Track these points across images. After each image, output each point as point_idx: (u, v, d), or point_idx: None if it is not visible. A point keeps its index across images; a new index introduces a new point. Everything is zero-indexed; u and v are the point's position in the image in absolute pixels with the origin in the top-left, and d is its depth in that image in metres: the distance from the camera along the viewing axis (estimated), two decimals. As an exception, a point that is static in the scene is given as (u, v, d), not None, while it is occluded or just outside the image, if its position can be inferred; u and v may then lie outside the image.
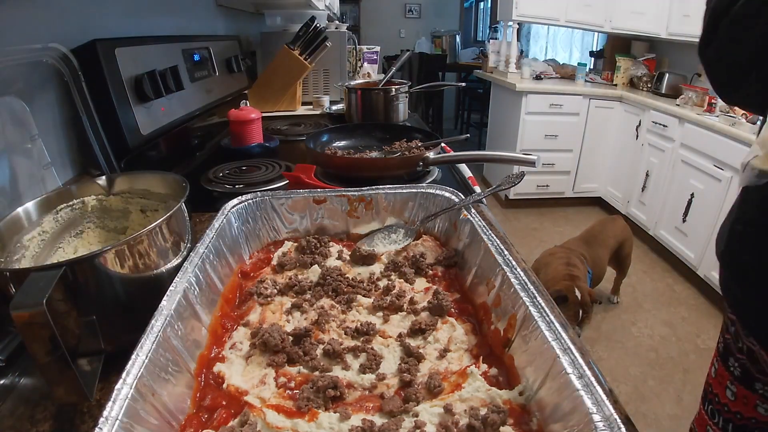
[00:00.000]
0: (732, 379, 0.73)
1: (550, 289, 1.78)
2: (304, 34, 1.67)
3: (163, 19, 1.27)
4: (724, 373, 0.75)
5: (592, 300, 1.79)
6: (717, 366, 0.78)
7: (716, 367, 0.78)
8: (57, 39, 0.79)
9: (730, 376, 0.74)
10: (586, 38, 4.63)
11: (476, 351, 0.51)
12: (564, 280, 1.79)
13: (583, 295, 1.75)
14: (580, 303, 1.74)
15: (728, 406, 0.74)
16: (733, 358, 0.73)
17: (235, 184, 1.00)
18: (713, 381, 0.79)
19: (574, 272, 1.83)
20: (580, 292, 1.74)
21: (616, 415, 0.33)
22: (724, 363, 0.75)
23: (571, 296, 1.74)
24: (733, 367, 0.72)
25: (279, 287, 0.60)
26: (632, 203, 3.08)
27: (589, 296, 1.77)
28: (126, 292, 0.49)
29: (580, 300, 1.74)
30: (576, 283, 1.77)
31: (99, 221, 0.65)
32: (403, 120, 1.55)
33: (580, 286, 1.76)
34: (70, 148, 0.84)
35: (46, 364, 0.38)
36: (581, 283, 1.79)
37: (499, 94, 3.71)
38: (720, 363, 0.77)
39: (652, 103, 2.83)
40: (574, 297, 1.74)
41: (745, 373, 0.70)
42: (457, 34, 6.15)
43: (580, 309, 1.75)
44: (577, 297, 1.74)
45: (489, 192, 0.71)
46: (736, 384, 0.72)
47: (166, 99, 1.07)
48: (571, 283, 1.76)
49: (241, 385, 0.46)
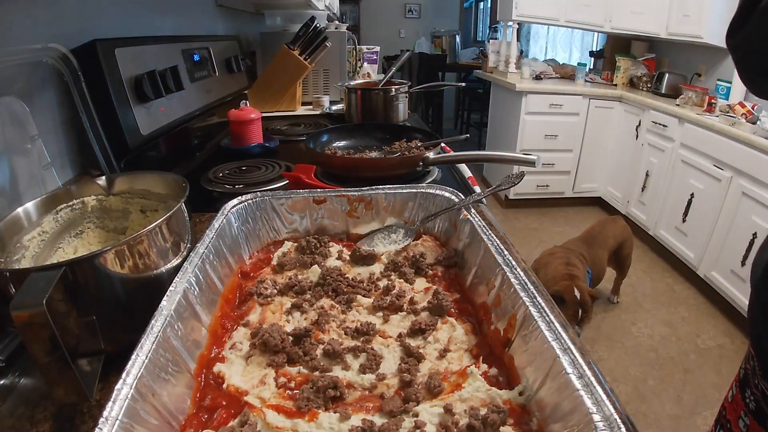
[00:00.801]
0: (746, 411, 0.69)
1: (549, 289, 1.78)
2: (304, 34, 1.67)
3: (163, 19, 1.27)
4: (739, 402, 0.71)
5: (593, 298, 1.79)
6: (734, 392, 0.73)
7: (733, 393, 0.74)
8: (57, 39, 0.79)
9: (744, 407, 0.69)
10: (586, 38, 4.63)
11: (476, 351, 0.51)
12: (563, 279, 1.79)
13: (583, 295, 1.75)
14: (579, 303, 1.74)
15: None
16: (749, 390, 0.68)
17: (235, 185, 1.00)
18: (728, 406, 0.75)
19: (574, 272, 1.83)
20: (579, 292, 1.74)
21: (616, 415, 0.33)
22: (741, 392, 0.71)
23: (570, 296, 1.74)
24: (749, 399, 0.68)
25: (279, 287, 0.60)
26: (632, 203, 3.08)
27: (589, 296, 1.77)
28: (126, 292, 0.49)
29: (580, 299, 1.74)
30: (575, 283, 1.77)
31: (99, 221, 0.65)
32: (403, 120, 1.55)
33: (580, 286, 1.76)
34: (70, 149, 0.84)
35: (46, 364, 0.38)
36: (580, 283, 1.79)
37: (499, 94, 3.71)
38: (738, 390, 0.72)
39: (652, 103, 2.83)
40: (573, 297, 1.74)
41: (759, 410, 0.66)
42: (457, 34, 6.15)
43: (579, 309, 1.75)
44: (576, 297, 1.74)
45: (489, 192, 0.71)
46: (750, 417, 0.68)
47: (166, 99, 1.07)
48: (570, 283, 1.76)
49: (241, 385, 0.46)
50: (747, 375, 0.69)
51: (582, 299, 1.74)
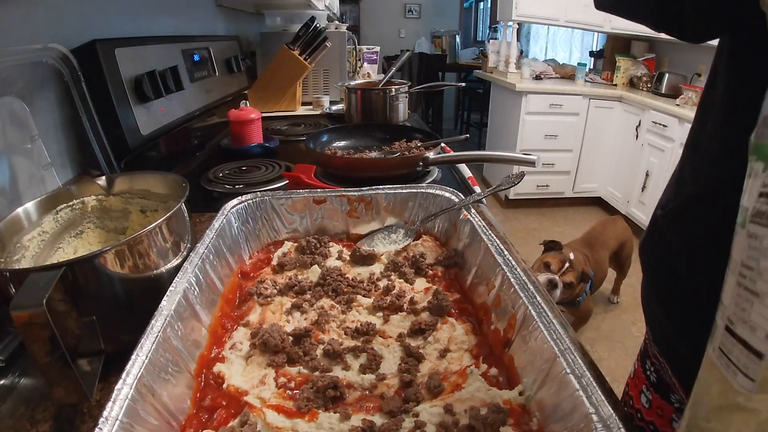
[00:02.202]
0: (648, 384, 0.61)
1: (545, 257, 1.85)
2: (304, 34, 1.67)
3: (163, 19, 1.27)
4: (641, 375, 0.63)
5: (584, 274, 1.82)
6: (636, 366, 0.66)
7: (635, 368, 0.66)
8: (57, 39, 0.79)
9: (646, 380, 0.62)
10: (586, 38, 4.62)
11: (476, 351, 0.51)
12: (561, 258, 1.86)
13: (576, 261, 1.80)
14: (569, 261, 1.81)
15: (642, 413, 0.63)
16: (649, 361, 0.61)
17: (235, 185, 1.00)
18: (630, 381, 0.68)
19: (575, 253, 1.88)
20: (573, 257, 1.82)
21: (616, 415, 0.33)
22: (642, 365, 0.63)
23: (564, 248, 1.83)
24: (650, 371, 0.61)
25: (279, 287, 0.60)
26: (632, 203, 3.08)
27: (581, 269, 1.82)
28: (126, 292, 0.49)
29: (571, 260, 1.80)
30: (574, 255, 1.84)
31: (99, 221, 0.65)
32: (403, 120, 1.55)
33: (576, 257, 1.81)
34: (70, 149, 0.84)
35: (46, 364, 0.38)
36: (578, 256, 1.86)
37: (499, 94, 3.71)
38: (639, 364, 0.65)
39: (652, 103, 2.83)
40: (566, 250, 1.83)
41: (660, 380, 0.58)
42: (457, 34, 6.15)
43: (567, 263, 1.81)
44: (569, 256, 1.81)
45: (489, 192, 0.71)
46: (652, 391, 0.60)
47: (166, 99, 1.07)
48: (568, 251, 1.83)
49: (241, 385, 0.46)
50: (646, 346, 0.62)
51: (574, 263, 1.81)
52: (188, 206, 0.59)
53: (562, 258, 1.82)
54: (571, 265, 1.81)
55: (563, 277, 1.79)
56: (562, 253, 1.85)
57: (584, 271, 1.85)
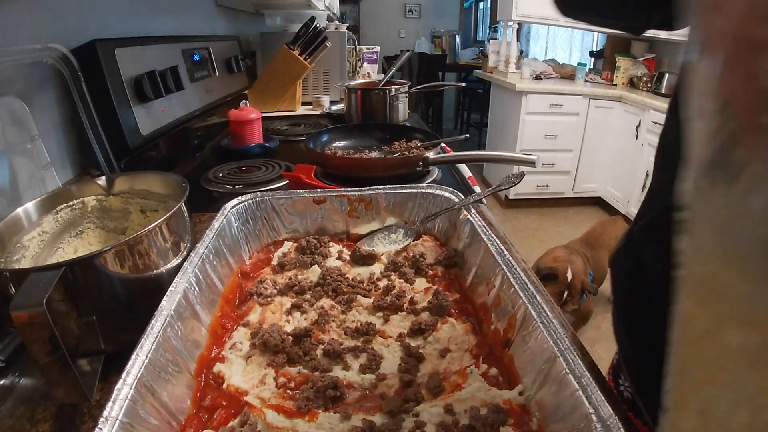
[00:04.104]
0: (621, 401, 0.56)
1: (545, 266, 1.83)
2: (304, 34, 1.67)
3: (163, 19, 1.27)
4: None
5: (584, 288, 1.81)
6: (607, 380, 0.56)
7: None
8: (57, 39, 0.79)
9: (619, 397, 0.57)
10: (586, 38, 4.62)
11: (476, 351, 0.51)
12: (561, 261, 1.83)
13: (574, 278, 1.78)
14: (567, 284, 1.77)
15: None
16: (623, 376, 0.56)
17: (235, 185, 1.00)
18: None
19: (573, 260, 1.86)
20: (572, 275, 1.78)
21: (616, 415, 0.33)
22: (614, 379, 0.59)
23: (561, 275, 1.77)
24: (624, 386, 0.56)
25: (279, 287, 0.60)
26: (632, 203, 3.08)
27: (581, 284, 1.79)
28: (126, 292, 0.49)
29: (569, 281, 1.77)
30: (572, 267, 1.80)
31: (99, 221, 0.65)
32: (403, 120, 1.55)
33: (574, 270, 1.80)
34: (70, 149, 0.84)
35: (46, 364, 0.38)
36: (576, 268, 1.82)
37: (499, 94, 3.71)
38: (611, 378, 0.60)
39: (652, 103, 2.83)
40: (564, 277, 1.77)
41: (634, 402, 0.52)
42: (457, 34, 6.15)
43: (566, 290, 1.79)
44: (567, 278, 1.77)
45: (489, 192, 0.71)
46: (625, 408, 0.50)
47: (166, 99, 1.07)
48: (566, 264, 1.80)
49: (241, 385, 0.46)
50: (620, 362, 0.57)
51: (572, 283, 1.77)
52: (188, 206, 0.59)
53: (560, 290, 1.80)
54: (570, 293, 1.79)
55: (565, 307, 1.79)
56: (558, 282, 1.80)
57: (584, 283, 1.83)
